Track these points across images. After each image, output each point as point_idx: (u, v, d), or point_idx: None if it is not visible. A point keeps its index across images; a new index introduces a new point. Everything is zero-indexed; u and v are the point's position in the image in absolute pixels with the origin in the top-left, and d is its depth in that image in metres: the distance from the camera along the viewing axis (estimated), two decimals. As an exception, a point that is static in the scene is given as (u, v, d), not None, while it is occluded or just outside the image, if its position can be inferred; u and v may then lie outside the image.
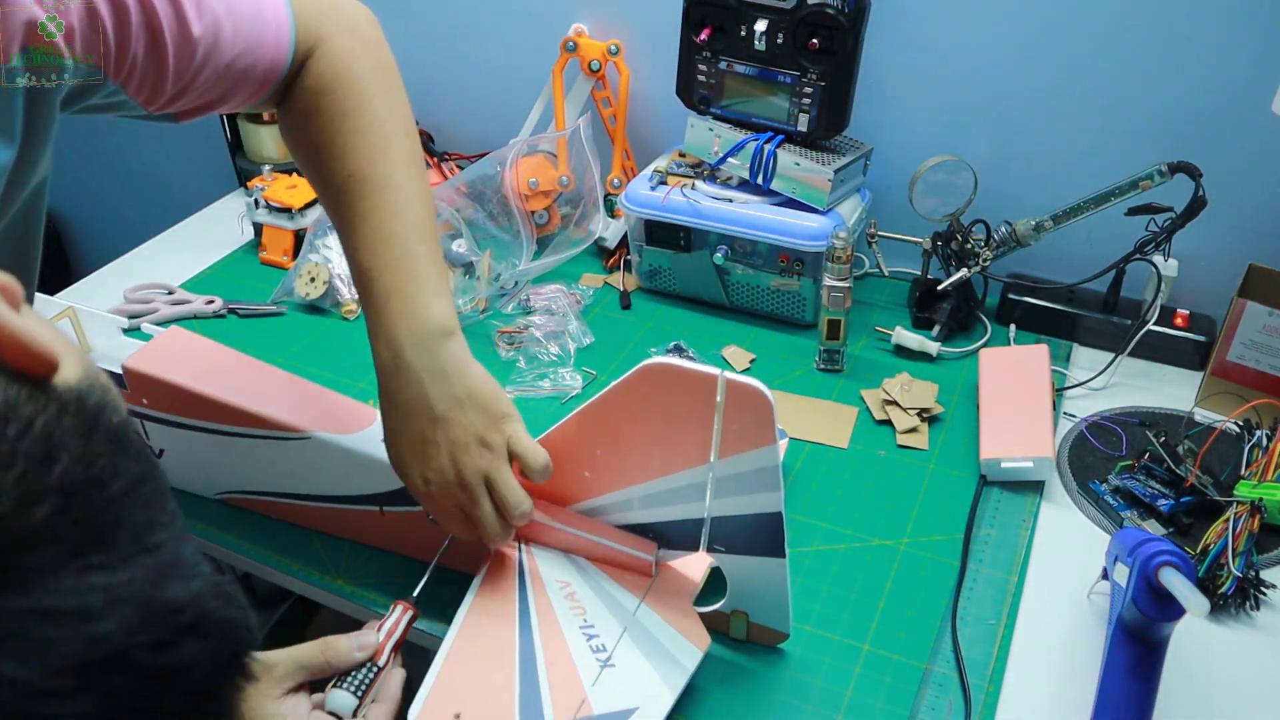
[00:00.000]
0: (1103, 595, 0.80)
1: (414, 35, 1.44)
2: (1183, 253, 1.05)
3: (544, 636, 0.69)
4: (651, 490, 0.70)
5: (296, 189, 1.28)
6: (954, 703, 0.73)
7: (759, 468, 0.64)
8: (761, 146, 1.12)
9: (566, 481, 0.73)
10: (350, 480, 0.81)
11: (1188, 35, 1.03)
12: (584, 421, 0.70)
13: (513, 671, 0.67)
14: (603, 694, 0.66)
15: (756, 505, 0.67)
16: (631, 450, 0.69)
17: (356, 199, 0.70)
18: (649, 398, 0.66)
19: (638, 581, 0.73)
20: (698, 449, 0.66)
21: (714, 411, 0.63)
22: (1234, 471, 0.89)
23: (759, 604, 0.74)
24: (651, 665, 0.68)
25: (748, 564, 0.71)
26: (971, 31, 1.12)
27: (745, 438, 0.64)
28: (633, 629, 0.70)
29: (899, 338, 1.11)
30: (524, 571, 0.74)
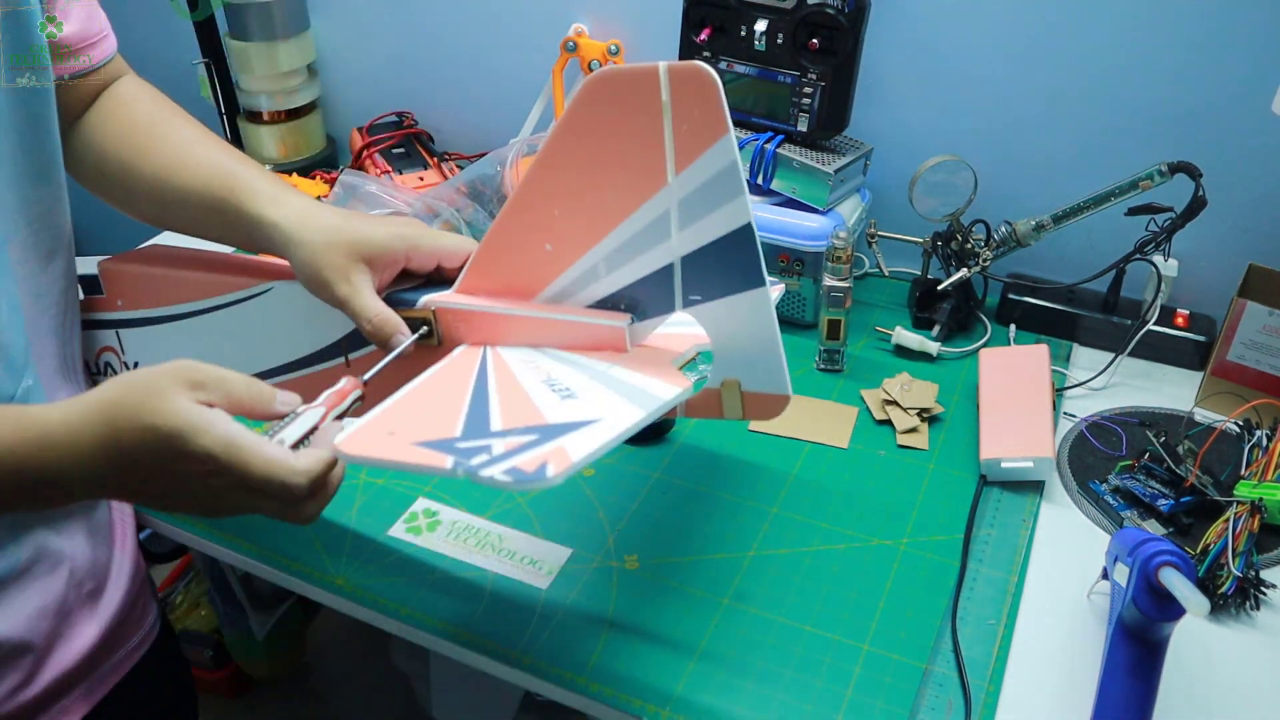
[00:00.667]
0: (1103, 595, 0.81)
1: (414, 35, 1.44)
2: (1183, 253, 1.05)
3: (499, 384, 0.64)
4: (616, 243, 0.65)
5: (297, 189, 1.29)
6: (954, 703, 0.73)
7: (718, 170, 0.59)
8: (761, 146, 1.12)
9: (530, 263, 0.68)
10: (313, 330, 0.77)
11: (1188, 35, 1.03)
12: (536, 182, 0.65)
13: (461, 403, 0.61)
14: (559, 413, 0.59)
15: (724, 222, 0.61)
16: (589, 196, 0.64)
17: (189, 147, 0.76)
18: (596, 125, 0.61)
19: (613, 357, 0.68)
20: (654, 169, 0.61)
21: (662, 114, 0.59)
22: (1234, 471, 0.89)
23: (749, 362, 0.67)
24: (621, 396, 0.62)
25: (729, 310, 0.64)
26: (971, 32, 1.12)
27: (698, 134, 0.59)
28: (602, 379, 0.64)
29: (899, 338, 1.11)
30: (485, 357, 0.69)
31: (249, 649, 1.53)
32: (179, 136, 0.77)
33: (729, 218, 0.61)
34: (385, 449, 0.56)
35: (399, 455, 0.55)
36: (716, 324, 0.66)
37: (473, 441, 0.56)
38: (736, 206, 0.60)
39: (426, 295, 0.71)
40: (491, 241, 0.69)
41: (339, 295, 0.69)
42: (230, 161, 0.75)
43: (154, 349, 0.84)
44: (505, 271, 0.69)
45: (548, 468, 0.52)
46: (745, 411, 0.69)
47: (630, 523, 0.89)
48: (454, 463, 0.53)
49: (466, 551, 0.86)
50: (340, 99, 1.56)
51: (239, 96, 1.49)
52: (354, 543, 0.87)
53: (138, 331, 0.84)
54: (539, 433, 0.56)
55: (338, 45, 1.51)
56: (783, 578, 0.83)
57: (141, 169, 0.76)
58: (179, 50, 1.48)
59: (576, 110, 0.61)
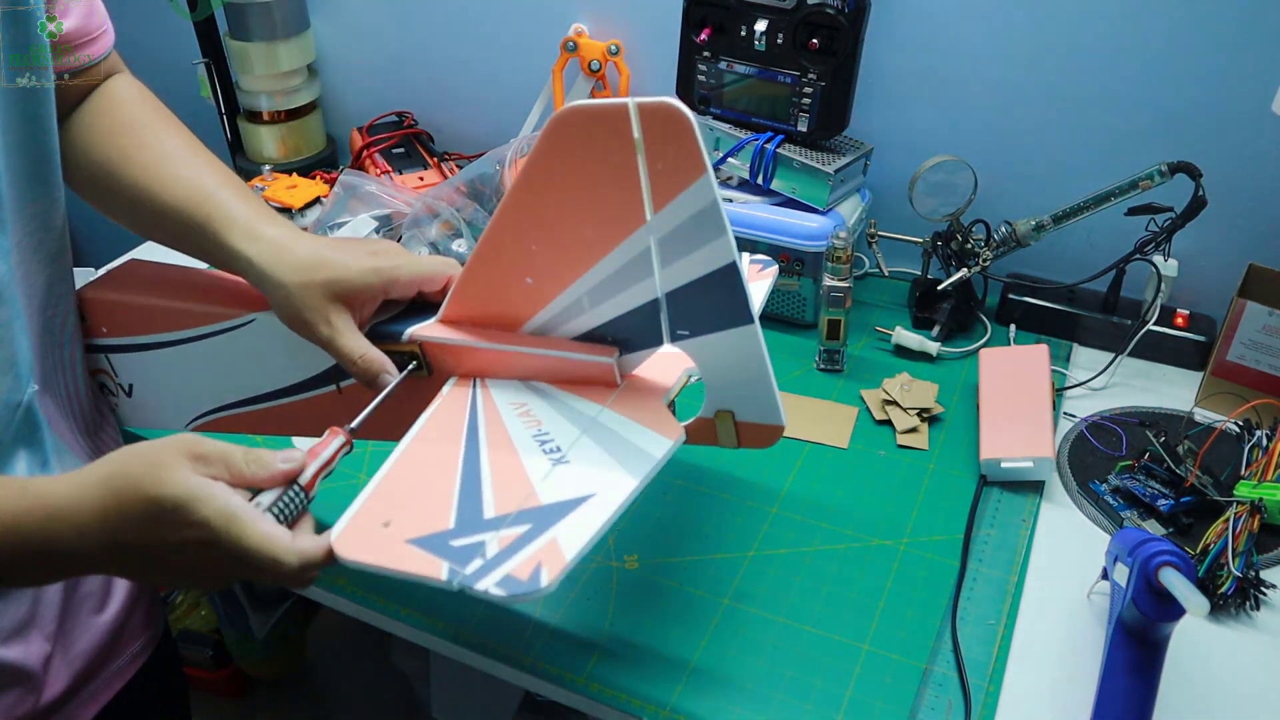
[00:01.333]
0: (1103, 595, 0.81)
1: (414, 35, 1.44)
2: (1183, 253, 1.05)
3: (490, 443, 0.63)
4: (598, 278, 0.63)
5: (297, 189, 1.29)
6: (954, 703, 0.73)
7: (698, 210, 0.57)
8: (761, 146, 1.12)
9: (512, 296, 0.67)
10: (300, 360, 0.75)
11: (1188, 35, 1.03)
12: (510, 216, 0.63)
13: (454, 479, 0.60)
14: (552, 487, 0.58)
15: (707, 261, 0.59)
16: (566, 233, 0.62)
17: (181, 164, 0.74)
18: (568, 161, 0.59)
19: (603, 394, 0.66)
20: (631, 208, 0.59)
21: (636, 153, 0.56)
22: (1234, 471, 0.89)
23: (741, 395, 0.66)
24: (612, 457, 0.61)
25: (717, 345, 0.63)
26: (972, 31, 1.12)
27: (674, 174, 0.57)
28: (593, 430, 0.63)
29: (899, 338, 1.11)
30: (475, 399, 0.67)
31: (249, 649, 1.53)
32: (162, 147, 0.75)
33: (712, 257, 0.59)
34: (380, 552, 0.56)
35: (394, 562, 0.55)
36: (706, 358, 0.65)
37: (467, 538, 0.55)
38: (719, 246, 0.59)
39: (411, 327, 0.70)
40: (472, 271, 0.67)
41: (320, 337, 0.68)
42: (210, 182, 0.73)
43: (146, 373, 0.83)
44: (489, 301, 0.68)
45: (542, 574, 0.52)
46: (740, 441, 0.69)
47: (630, 523, 0.89)
48: (449, 571, 0.54)
49: (466, 551, 0.86)
50: (340, 99, 1.56)
51: (239, 96, 1.49)
52: (354, 543, 0.87)
53: (127, 357, 0.83)
54: (532, 520, 0.56)
55: (338, 45, 1.51)
56: (783, 578, 0.83)
57: (122, 176, 0.74)
58: (179, 50, 1.48)
59: (545, 146, 0.59)
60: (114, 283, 0.82)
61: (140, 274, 0.84)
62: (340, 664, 1.70)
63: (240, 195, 0.73)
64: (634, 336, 0.65)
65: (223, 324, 0.77)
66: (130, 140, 0.75)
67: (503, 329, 0.68)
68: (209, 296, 0.78)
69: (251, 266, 0.69)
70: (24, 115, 0.67)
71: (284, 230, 0.70)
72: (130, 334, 0.81)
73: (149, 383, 0.83)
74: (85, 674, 0.76)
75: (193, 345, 0.79)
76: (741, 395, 0.66)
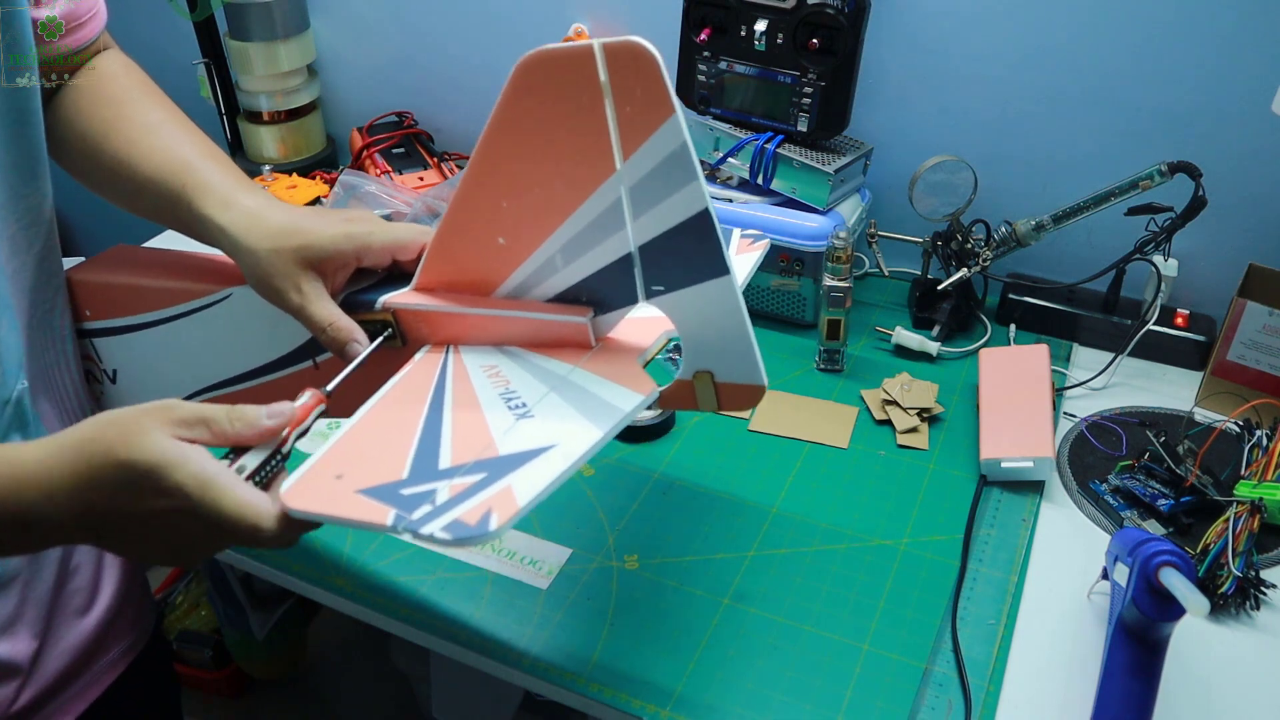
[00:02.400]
0: (1103, 595, 0.81)
1: (414, 35, 1.44)
2: (1183, 253, 1.05)
3: (456, 404, 0.61)
4: (570, 234, 0.61)
5: (297, 188, 1.29)
6: (954, 703, 0.73)
7: (669, 153, 0.55)
8: (761, 146, 1.12)
9: (485, 258, 0.65)
10: (278, 334, 0.73)
11: (1188, 35, 1.03)
12: (480, 173, 0.62)
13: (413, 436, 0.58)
14: (513, 440, 0.56)
15: (679, 208, 0.57)
16: (536, 187, 0.61)
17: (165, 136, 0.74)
18: (534, 110, 0.57)
19: (576, 355, 0.64)
20: (600, 156, 0.57)
21: (603, 97, 0.55)
22: (1234, 471, 0.89)
23: (719, 353, 0.63)
24: (578, 411, 0.59)
25: (694, 300, 0.61)
26: (972, 31, 1.12)
27: (643, 116, 0.55)
28: (562, 387, 0.61)
29: (899, 338, 1.11)
30: (446, 362, 0.65)
31: (249, 649, 1.53)
32: (144, 119, 0.75)
33: (684, 204, 0.57)
34: (328, 501, 0.53)
35: (341, 510, 0.53)
36: (683, 315, 0.62)
37: (418, 486, 0.53)
38: (691, 192, 0.56)
39: (385, 295, 0.68)
40: (444, 234, 0.66)
41: (291, 304, 0.66)
42: (189, 153, 0.72)
43: (129, 356, 0.82)
44: (461, 266, 0.66)
45: (491, 519, 0.50)
46: (720, 403, 0.65)
47: (630, 523, 0.89)
48: (395, 517, 0.51)
49: (467, 552, 0.86)
50: (340, 99, 1.56)
51: (239, 96, 1.49)
52: (354, 543, 0.87)
53: (110, 340, 0.82)
54: (488, 469, 0.54)
55: (338, 45, 1.51)
56: (783, 578, 0.83)
57: (104, 148, 0.74)
58: (179, 50, 1.48)
59: (511, 96, 0.57)
60: (98, 265, 0.82)
61: (124, 256, 0.83)
62: (340, 664, 1.70)
63: (219, 165, 0.72)
64: (609, 295, 0.63)
65: (200, 300, 0.75)
66: (113, 112, 0.75)
67: (477, 294, 0.66)
68: (188, 274, 0.77)
69: (225, 235, 0.68)
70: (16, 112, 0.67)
71: (260, 199, 0.69)
72: (112, 316, 0.80)
73: (132, 367, 0.82)
74: (73, 669, 0.76)
75: (173, 325, 0.78)
76: (720, 354, 0.63)
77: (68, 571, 0.76)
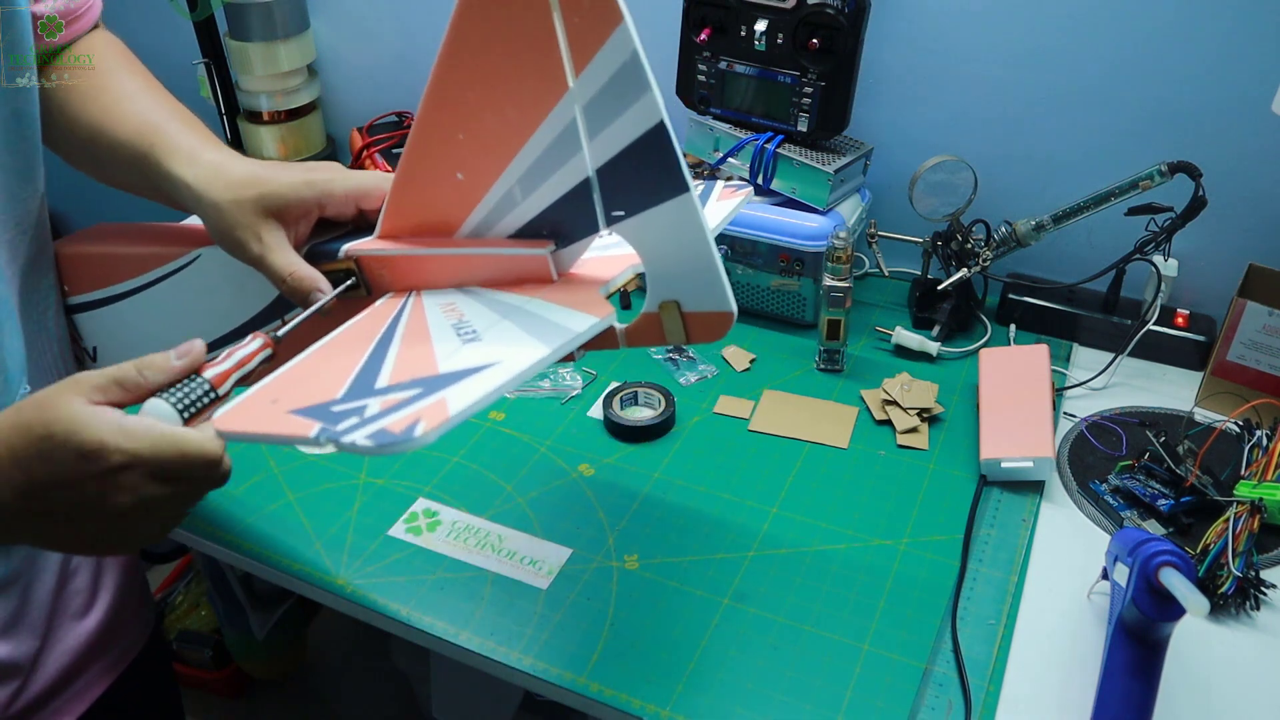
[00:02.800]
0: (1103, 595, 0.81)
1: (414, 35, 1.44)
2: (1183, 253, 1.05)
3: (405, 336, 0.59)
4: (527, 162, 0.60)
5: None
6: (954, 703, 0.73)
7: (619, 65, 0.54)
8: (761, 146, 1.12)
9: (444, 199, 0.64)
10: (246, 294, 0.72)
11: (1187, 35, 1.03)
12: (434, 106, 0.60)
13: (356, 364, 0.57)
14: (454, 360, 0.55)
15: (635, 124, 0.55)
16: (490, 115, 0.59)
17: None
18: (484, 33, 0.56)
19: (537, 289, 0.63)
20: (552, 75, 0.55)
21: (551, 11, 0.54)
22: (1234, 471, 0.89)
23: (685, 279, 0.61)
24: (528, 333, 0.58)
25: (654, 223, 0.59)
26: (972, 32, 1.12)
27: (591, 27, 0.53)
28: (514, 315, 0.60)
29: (899, 338, 1.11)
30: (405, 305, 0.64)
31: (249, 649, 1.53)
32: (121, 89, 0.74)
33: (639, 118, 0.55)
34: (257, 421, 0.52)
35: (267, 427, 0.51)
36: (644, 241, 0.60)
37: (350, 403, 0.52)
38: (645, 104, 0.54)
39: (347, 244, 0.67)
40: (403, 177, 0.64)
41: (252, 255, 0.65)
42: (159, 116, 0.71)
43: (107, 331, 0.81)
44: (422, 208, 0.65)
45: (418, 426, 0.48)
46: (688, 334, 0.63)
47: (630, 523, 0.89)
48: (319, 430, 0.49)
49: (466, 551, 0.86)
50: (340, 99, 1.56)
51: (239, 96, 1.49)
52: (354, 543, 0.87)
53: (89, 315, 0.81)
54: (423, 385, 0.52)
55: (338, 45, 1.51)
56: (783, 578, 0.83)
57: (80, 117, 0.73)
58: (179, 50, 1.48)
59: (459, 21, 0.56)
60: (75, 239, 0.81)
61: (103, 230, 0.83)
62: (340, 664, 1.70)
63: (187, 125, 0.71)
64: (570, 226, 0.62)
65: (170, 265, 0.74)
66: (92, 83, 0.74)
67: (439, 235, 0.65)
68: (158, 240, 0.77)
69: (189, 189, 0.67)
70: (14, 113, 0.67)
71: (223, 154, 0.69)
72: (90, 289, 0.79)
73: (111, 341, 0.82)
74: (73, 670, 0.76)
75: (146, 293, 0.77)
76: (685, 280, 0.61)
77: (68, 573, 0.76)
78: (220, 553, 0.89)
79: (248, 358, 0.58)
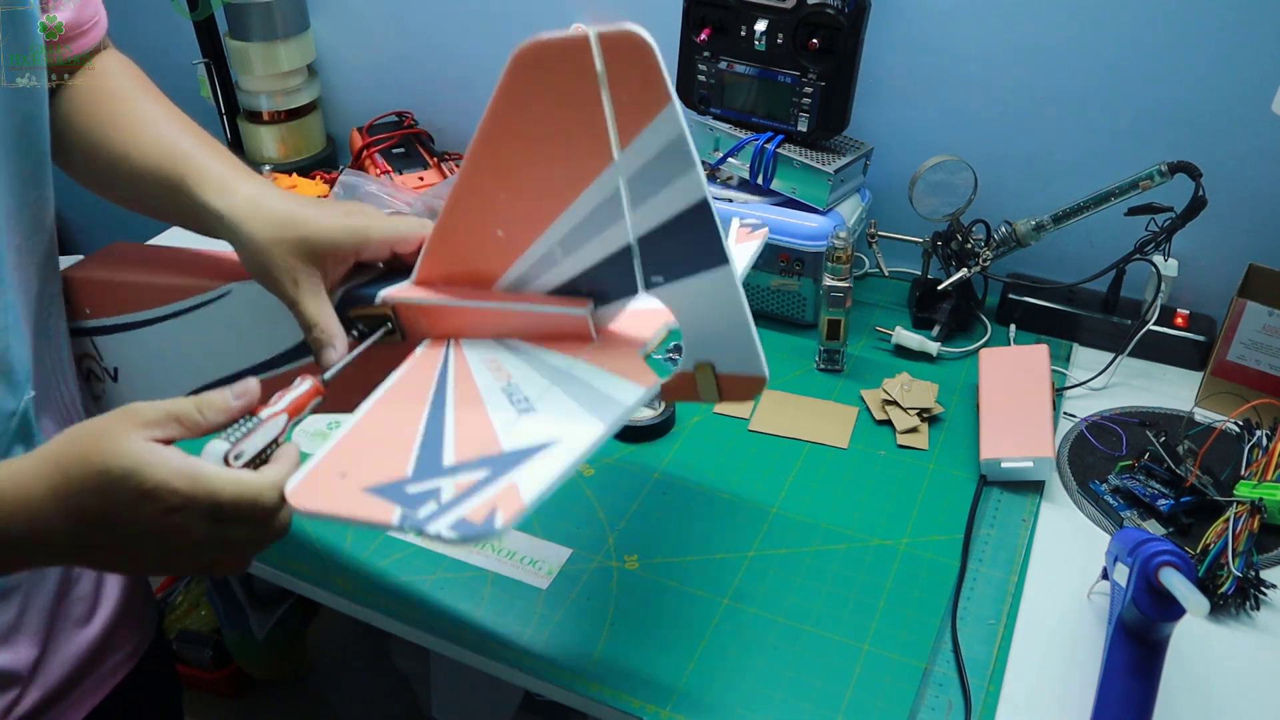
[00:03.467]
0: (1103, 595, 0.81)
1: (414, 35, 1.44)
2: (1183, 253, 1.05)
3: (458, 400, 0.61)
4: (568, 225, 0.61)
5: (297, 188, 1.28)
6: (954, 703, 0.73)
7: (666, 143, 0.55)
8: (761, 146, 1.12)
9: (484, 251, 0.65)
10: (279, 329, 0.73)
11: (1188, 35, 1.03)
12: (477, 165, 0.62)
13: (416, 432, 0.58)
14: (516, 435, 0.57)
15: (677, 198, 0.57)
16: (533, 178, 0.61)
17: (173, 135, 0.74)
18: (531, 101, 0.58)
19: (577, 348, 0.65)
20: (598, 145, 0.57)
21: (599, 86, 0.55)
22: (1234, 471, 0.89)
23: (720, 344, 0.63)
24: (581, 405, 0.59)
25: (694, 290, 0.61)
26: (972, 31, 1.12)
27: (639, 105, 0.55)
28: (563, 381, 0.61)
29: (899, 338, 1.11)
30: (448, 356, 0.66)
31: (249, 649, 1.53)
32: (142, 115, 0.74)
33: (683, 194, 0.57)
34: (334, 500, 0.53)
35: (347, 509, 0.52)
36: (682, 306, 0.62)
37: (423, 484, 0.53)
38: (689, 182, 0.56)
39: (384, 290, 0.68)
40: (443, 228, 0.65)
41: (286, 295, 0.66)
42: (186, 143, 0.72)
43: (130, 354, 0.82)
44: (461, 258, 0.66)
45: (496, 517, 0.50)
46: (722, 394, 0.65)
47: (630, 523, 0.89)
48: (400, 516, 0.51)
49: (466, 551, 0.86)
50: (340, 99, 1.56)
51: (239, 96, 1.49)
52: (354, 543, 0.87)
53: (112, 338, 0.82)
54: (491, 466, 0.54)
55: (338, 45, 1.51)
56: (783, 578, 0.83)
57: (101, 143, 0.74)
58: (179, 50, 1.48)
59: (507, 85, 0.57)
60: (97, 262, 0.82)
61: (123, 253, 0.83)
62: (340, 664, 1.70)
63: (216, 154, 0.71)
64: (608, 287, 0.63)
65: (201, 297, 0.75)
66: (111, 108, 0.75)
67: (476, 287, 0.66)
68: (187, 270, 0.77)
69: (223, 221, 0.67)
70: (21, 116, 0.67)
71: (258, 186, 0.69)
72: (113, 313, 0.80)
73: (134, 364, 0.82)
74: (74, 677, 0.76)
75: (174, 321, 0.77)
76: (721, 344, 0.63)
77: (69, 581, 0.75)
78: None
79: (301, 403, 0.59)
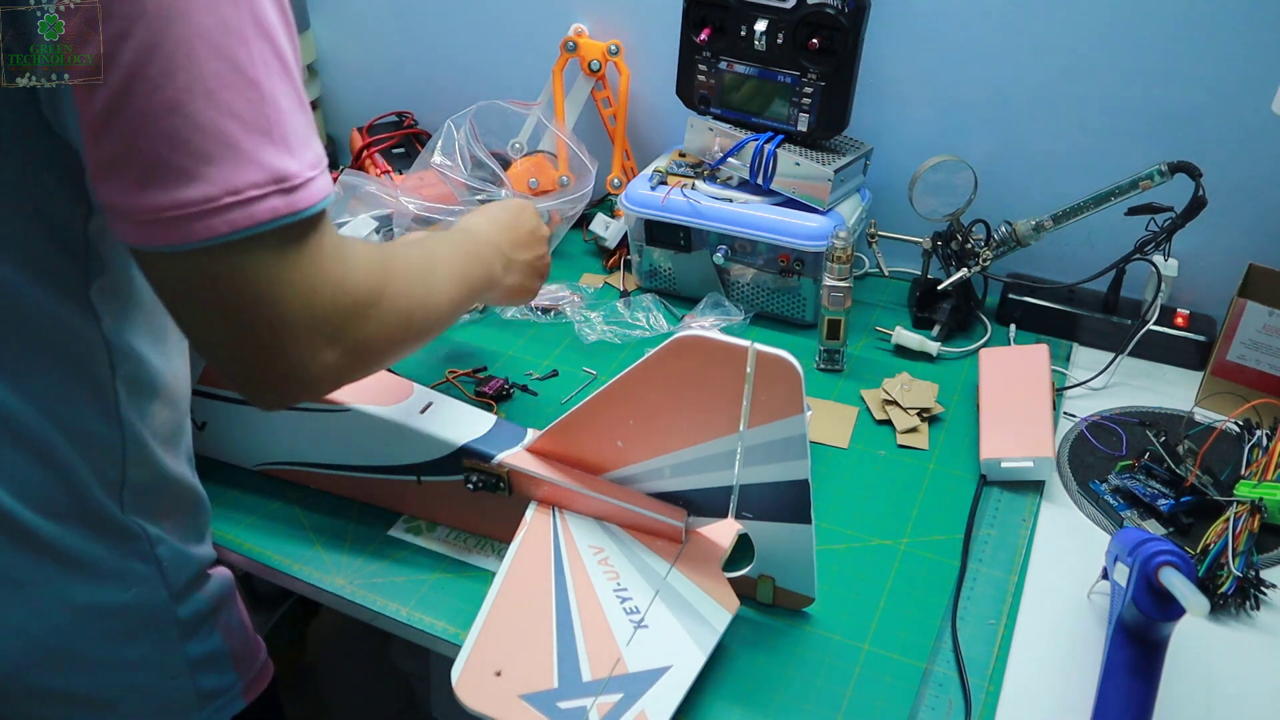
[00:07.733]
0: (1103, 595, 0.81)
1: (414, 35, 1.44)
2: (1183, 253, 1.05)
3: (579, 598, 0.72)
4: (682, 459, 0.73)
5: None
6: (954, 703, 0.73)
7: (787, 437, 0.67)
8: (761, 146, 1.12)
9: (600, 450, 0.76)
10: (389, 451, 0.84)
11: (1188, 35, 1.03)
12: (616, 393, 0.72)
13: (550, 631, 0.70)
14: (637, 653, 0.69)
15: (784, 473, 0.69)
16: (663, 420, 0.72)
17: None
18: (681, 369, 0.68)
19: (668, 547, 0.76)
20: (728, 418, 0.68)
21: (744, 382, 0.66)
22: (1234, 471, 0.89)
23: (785, 569, 0.76)
24: (683, 626, 0.71)
25: (775, 530, 0.73)
26: (971, 31, 1.12)
27: (774, 408, 0.66)
28: (664, 592, 0.73)
29: (899, 338, 1.11)
30: (558, 537, 0.77)
31: (249, 649, 1.53)
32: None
33: (788, 471, 0.69)
34: (495, 704, 0.65)
35: (507, 715, 0.65)
36: (762, 537, 0.75)
37: (571, 701, 0.65)
38: (797, 465, 0.69)
39: (501, 454, 0.79)
40: (571, 421, 0.76)
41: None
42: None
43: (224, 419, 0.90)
44: (578, 448, 0.78)
45: None
46: (775, 600, 0.79)
47: (630, 523, 0.89)
48: None
49: (466, 551, 0.86)
50: (340, 99, 1.56)
51: (239, 96, 1.49)
52: (354, 543, 0.87)
53: (207, 401, 0.89)
54: (624, 688, 0.66)
55: (338, 45, 1.51)
56: (783, 578, 0.83)
57: None
58: (179, 50, 1.47)
59: (664, 357, 0.68)
60: None
61: None
62: (340, 664, 1.70)
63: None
64: (704, 507, 0.76)
65: (313, 405, 0.83)
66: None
67: (586, 471, 0.79)
68: None
69: None
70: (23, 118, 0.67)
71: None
72: (213, 383, 0.88)
73: (225, 426, 0.90)
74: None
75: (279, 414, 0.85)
76: (785, 569, 0.77)
77: None
78: (220, 552, 0.89)
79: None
